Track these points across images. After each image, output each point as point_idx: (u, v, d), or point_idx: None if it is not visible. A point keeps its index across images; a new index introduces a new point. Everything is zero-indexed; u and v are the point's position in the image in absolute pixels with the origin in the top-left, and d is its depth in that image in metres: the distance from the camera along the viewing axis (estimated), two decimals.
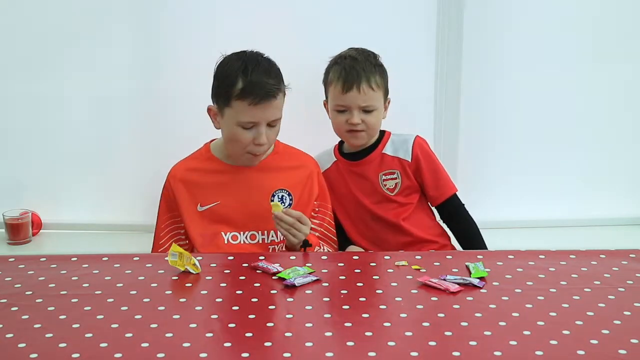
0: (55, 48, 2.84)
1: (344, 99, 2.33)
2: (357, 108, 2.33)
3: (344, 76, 2.32)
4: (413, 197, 2.40)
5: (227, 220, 2.21)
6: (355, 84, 2.31)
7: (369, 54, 2.40)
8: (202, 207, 2.22)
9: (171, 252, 1.86)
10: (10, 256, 1.97)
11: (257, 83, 2.10)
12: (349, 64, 2.34)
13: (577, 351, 1.48)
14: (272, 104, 2.13)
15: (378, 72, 2.36)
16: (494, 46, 2.87)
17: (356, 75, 2.31)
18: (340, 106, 2.35)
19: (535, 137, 2.97)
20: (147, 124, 2.92)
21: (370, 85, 2.32)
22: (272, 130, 2.17)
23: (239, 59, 2.17)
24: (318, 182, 2.32)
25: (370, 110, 2.34)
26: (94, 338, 1.53)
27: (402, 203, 2.39)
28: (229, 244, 2.20)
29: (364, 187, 2.40)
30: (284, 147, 2.33)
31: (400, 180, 2.38)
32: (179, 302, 1.72)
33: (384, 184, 2.38)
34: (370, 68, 2.34)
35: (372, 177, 2.39)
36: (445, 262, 1.91)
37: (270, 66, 2.17)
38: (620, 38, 2.88)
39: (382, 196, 2.39)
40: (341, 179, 2.42)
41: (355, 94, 2.31)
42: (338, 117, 2.37)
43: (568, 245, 2.04)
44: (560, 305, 1.67)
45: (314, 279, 1.79)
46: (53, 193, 3.00)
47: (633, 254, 1.95)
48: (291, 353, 1.46)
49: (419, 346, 1.50)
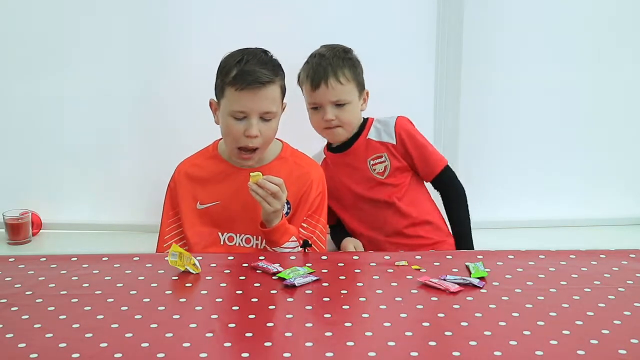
0: (55, 48, 2.84)
1: (314, 96, 2.36)
2: (329, 103, 2.36)
3: (311, 74, 2.36)
4: (404, 176, 2.43)
5: (225, 221, 2.20)
6: (323, 80, 2.34)
7: (339, 48, 2.42)
8: (201, 205, 2.22)
9: (171, 252, 1.86)
10: (10, 256, 1.97)
11: (247, 71, 2.10)
12: (317, 61, 2.37)
13: (577, 351, 1.48)
14: (262, 93, 2.11)
15: (347, 66, 2.37)
16: (494, 46, 2.87)
17: (322, 72, 2.34)
18: (313, 104, 2.39)
19: (535, 137, 2.97)
20: (147, 124, 2.92)
21: (338, 80, 2.34)
22: (266, 124, 2.14)
23: (240, 52, 2.17)
24: (317, 191, 2.26)
25: (343, 104, 2.36)
26: (94, 338, 1.53)
27: (395, 184, 2.41)
28: (224, 244, 2.20)
29: (354, 175, 2.42)
30: (292, 152, 2.29)
31: (389, 162, 2.40)
32: (179, 302, 1.72)
33: (374, 169, 2.41)
34: (337, 62, 2.36)
35: (361, 164, 2.42)
36: (445, 262, 1.91)
37: (268, 60, 2.16)
38: (620, 38, 2.89)
39: (374, 181, 2.41)
40: (332, 172, 2.42)
41: (324, 90, 2.34)
42: (313, 115, 2.40)
43: (568, 245, 2.04)
44: (560, 305, 1.67)
45: (314, 279, 1.79)
46: (53, 193, 3.00)
47: (633, 254, 1.95)
48: (291, 353, 1.46)
49: (419, 346, 1.50)
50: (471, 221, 2.46)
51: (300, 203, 2.22)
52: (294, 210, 2.22)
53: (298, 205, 2.22)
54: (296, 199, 2.22)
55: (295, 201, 2.22)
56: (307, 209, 2.23)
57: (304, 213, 2.23)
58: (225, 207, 2.20)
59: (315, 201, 2.25)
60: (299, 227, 2.19)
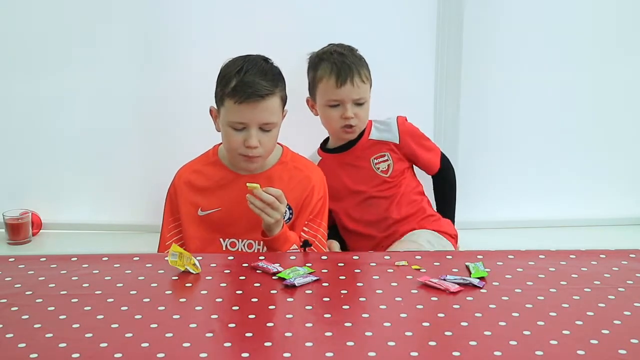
0: (55, 48, 2.84)
1: (338, 93, 2.37)
2: (351, 101, 2.37)
3: (336, 71, 2.36)
4: (405, 173, 2.48)
5: (227, 227, 2.19)
6: (349, 77, 2.35)
7: (351, 48, 2.45)
8: (202, 212, 2.21)
9: (171, 252, 1.86)
10: (10, 256, 1.97)
11: (246, 82, 2.09)
12: (339, 59, 2.38)
13: (577, 351, 1.47)
14: (261, 106, 2.10)
15: (365, 65, 2.42)
16: (494, 46, 2.87)
17: (348, 69, 2.36)
18: (333, 101, 2.39)
19: (535, 137, 2.97)
20: (147, 124, 2.92)
21: (361, 79, 2.38)
22: (266, 134, 2.13)
23: (240, 60, 2.15)
24: (318, 195, 2.25)
25: (362, 103, 2.39)
26: (94, 338, 1.53)
27: (397, 182, 2.45)
28: (226, 250, 2.19)
29: (358, 175, 2.45)
30: (292, 157, 2.28)
31: (391, 161, 2.44)
32: (179, 302, 1.72)
33: (377, 167, 2.44)
34: (357, 61, 2.40)
35: (365, 163, 2.45)
36: (445, 262, 1.91)
37: (269, 69, 2.14)
38: (620, 38, 2.89)
39: (378, 179, 2.45)
40: (329, 172, 2.40)
41: (350, 88, 2.36)
42: (331, 112, 2.40)
43: (568, 245, 2.04)
44: (560, 305, 1.67)
45: (314, 279, 1.79)
46: (53, 193, 3.01)
47: (633, 254, 1.95)
48: (291, 353, 1.46)
49: (419, 346, 1.50)
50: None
51: (302, 208, 2.22)
52: (295, 215, 2.22)
53: (300, 210, 2.22)
54: (298, 204, 2.21)
55: (297, 206, 2.22)
56: (308, 213, 2.23)
57: (305, 217, 2.23)
58: (227, 213, 2.19)
59: (317, 206, 2.25)
60: (300, 232, 2.19)
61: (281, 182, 2.19)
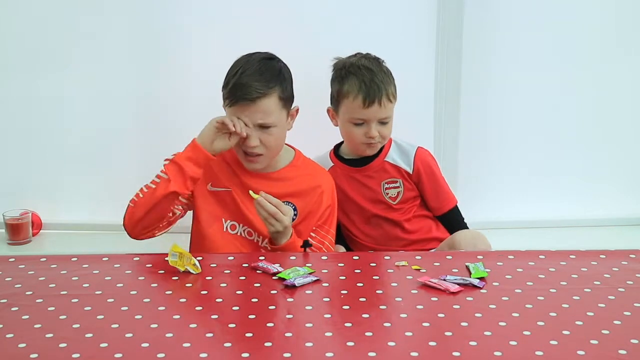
0: (55, 48, 2.84)
1: (364, 113, 2.29)
2: (376, 121, 2.31)
3: (364, 90, 2.27)
4: (414, 203, 2.41)
5: (231, 209, 2.20)
6: (377, 98, 2.27)
7: (379, 61, 2.37)
8: (212, 187, 2.22)
9: (171, 252, 1.86)
10: (10, 256, 1.97)
11: (238, 85, 2.10)
12: (368, 76, 2.29)
13: (577, 351, 1.48)
14: (253, 108, 2.11)
15: (392, 83, 2.34)
16: (494, 46, 2.87)
17: (377, 90, 2.27)
18: (358, 119, 2.31)
19: (535, 137, 2.97)
20: (147, 124, 2.92)
21: (389, 99, 2.30)
22: (266, 134, 2.14)
23: (243, 59, 2.17)
24: (327, 203, 2.26)
25: (387, 122, 2.33)
26: (94, 338, 1.53)
27: (404, 209, 2.40)
28: (226, 232, 2.20)
29: (365, 194, 2.40)
30: (304, 161, 2.30)
31: (402, 189, 2.38)
32: (179, 302, 1.72)
33: (386, 192, 2.38)
34: (386, 79, 2.31)
35: (375, 185, 2.39)
36: (445, 262, 1.91)
37: (267, 69, 2.14)
38: (620, 38, 2.88)
39: (384, 204, 2.39)
40: (340, 182, 2.38)
41: (377, 109, 2.28)
42: (354, 129, 2.33)
43: (568, 245, 2.04)
44: (560, 305, 1.67)
45: (314, 279, 1.79)
46: (53, 193, 3.00)
47: (633, 254, 1.95)
48: (291, 353, 1.47)
49: (419, 346, 1.50)
50: (471, 221, 2.46)
51: (309, 213, 2.23)
52: (301, 219, 2.22)
53: (307, 215, 2.23)
54: (305, 209, 2.23)
55: (304, 210, 2.22)
56: (316, 219, 2.24)
57: (313, 223, 2.24)
58: (235, 196, 2.21)
59: (325, 213, 2.26)
60: (306, 238, 2.18)
61: (291, 183, 2.22)
